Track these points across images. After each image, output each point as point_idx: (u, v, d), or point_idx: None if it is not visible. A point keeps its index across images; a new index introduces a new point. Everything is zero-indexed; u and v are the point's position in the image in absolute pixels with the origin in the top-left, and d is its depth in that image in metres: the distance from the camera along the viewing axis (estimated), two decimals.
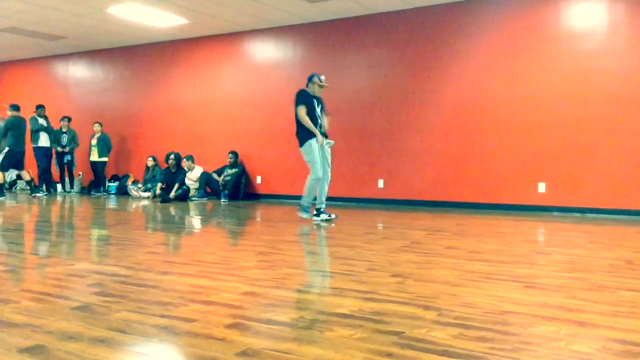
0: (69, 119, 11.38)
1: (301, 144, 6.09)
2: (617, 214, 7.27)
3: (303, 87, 6.34)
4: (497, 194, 8.08)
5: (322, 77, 6.27)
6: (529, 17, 7.88)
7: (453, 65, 8.41)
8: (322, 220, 6.14)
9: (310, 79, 6.23)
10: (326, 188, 6.24)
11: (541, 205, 7.76)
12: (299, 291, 2.85)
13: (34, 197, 9.99)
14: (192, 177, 10.07)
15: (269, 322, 2.22)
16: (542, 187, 7.78)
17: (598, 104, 7.44)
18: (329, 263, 3.84)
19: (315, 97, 6.20)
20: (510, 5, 8.00)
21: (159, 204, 8.95)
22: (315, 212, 6.22)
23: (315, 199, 6.22)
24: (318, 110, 6.17)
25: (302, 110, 6.03)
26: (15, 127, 9.87)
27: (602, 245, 4.57)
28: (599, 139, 7.44)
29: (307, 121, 6.01)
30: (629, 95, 7.27)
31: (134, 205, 8.71)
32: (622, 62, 7.32)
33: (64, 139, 11.26)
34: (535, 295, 2.72)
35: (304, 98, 6.11)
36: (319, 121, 6.15)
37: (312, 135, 6.03)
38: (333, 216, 6.31)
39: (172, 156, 9.76)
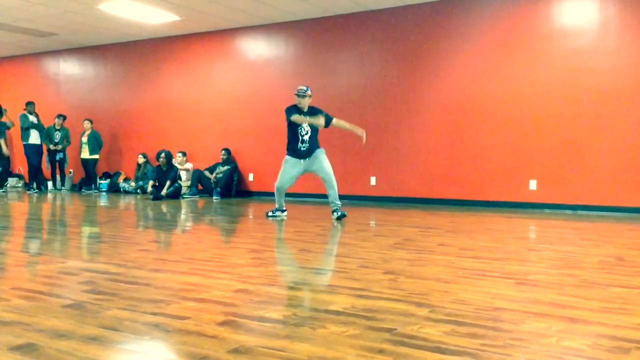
0: (64, 118, 11.31)
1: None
2: (608, 211, 7.31)
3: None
4: (489, 191, 8.11)
5: (300, 87, 6.22)
6: (520, 15, 7.90)
7: (445, 63, 8.42)
8: (337, 219, 6.18)
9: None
10: (332, 192, 6.25)
11: (532, 203, 7.79)
12: (291, 288, 2.85)
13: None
14: (184, 171, 10.13)
15: (261, 319, 2.22)
16: (533, 185, 7.82)
17: (589, 102, 7.48)
18: (321, 260, 3.84)
19: (302, 111, 6.16)
20: (502, 3, 8.02)
21: (150, 201, 8.92)
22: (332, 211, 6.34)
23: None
24: (304, 126, 6.15)
25: (293, 117, 6.10)
26: None
27: (593, 242, 4.60)
28: (590, 136, 7.47)
29: (296, 119, 6.11)
30: (620, 93, 7.30)
31: (125, 203, 8.67)
32: (613, 60, 7.35)
33: (57, 136, 11.19)
34: (527, 292, 2.73)
35: (289, 113, 6.16)
36: (303, 138, 6.15)
37: (288, 151, 6.22)
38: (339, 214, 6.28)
39: (162, 155, 9.70)
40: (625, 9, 7.29)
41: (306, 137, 6.16)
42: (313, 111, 6.25)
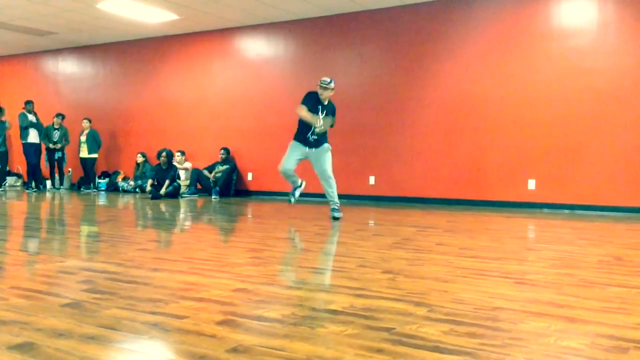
0: (63, 117, 11.30)
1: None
2: (606, 211, 7.32)
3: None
4: (488, 190, 8.12)
5: (324, 78, 6.03)
6: (519, 15, 7.90)
7: (444, 62, 8.42)
8: (332, 218, 6.13)
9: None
10: (329, 190, 6.16)
11: (531, 202, 7.80)
12: (290, 288, 2.85)
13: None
14: (182, 170, 10.12)
15: (260, 318, 2.22)
16: (532, 184, 7.82)
17: (588, 102, 7.48)
18: (320, 260, 3.84)
19: (322, 103, 6.01)
20: (500, 3, 8.03)
21: (149, 200, 8.91)
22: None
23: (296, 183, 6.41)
24: (319, 117, 5.99)
25: (301, 110, 5.93)
26: None
27: (592, 242, 4.60)
28: (588, 136, 7.48)
29: (304, 117, 5.95)
30: (619, 93, 7.31)
31: (124, 202, 8.67)
32: (611, 60, 7.36)
33: (56, 135, 11.18)
34: (526, 292, 2.73)
35: (306, 99, 6.00)
36: (314, 130, 6.01)
37: (295, 136, 6.15)
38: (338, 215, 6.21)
39: (163, 153, 9.71)
40: (624, 9, 7.30)
41: (317, 130, 6.04)
42: (330, 107, 6.12)
